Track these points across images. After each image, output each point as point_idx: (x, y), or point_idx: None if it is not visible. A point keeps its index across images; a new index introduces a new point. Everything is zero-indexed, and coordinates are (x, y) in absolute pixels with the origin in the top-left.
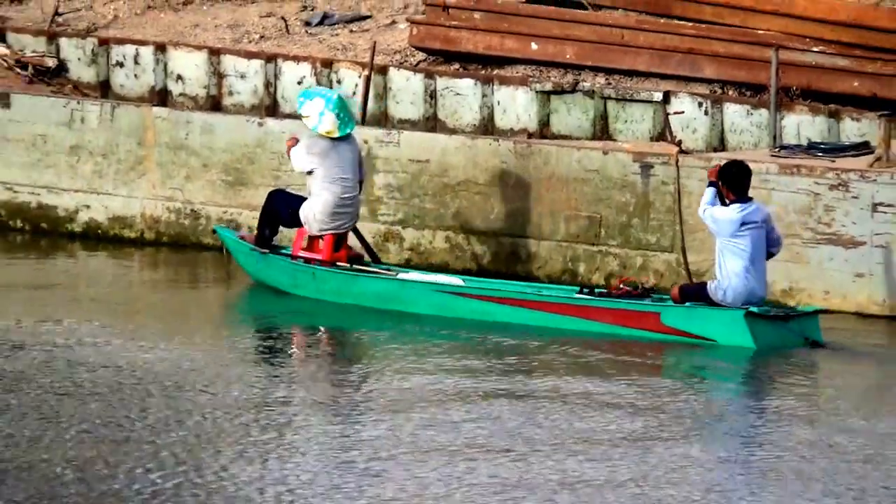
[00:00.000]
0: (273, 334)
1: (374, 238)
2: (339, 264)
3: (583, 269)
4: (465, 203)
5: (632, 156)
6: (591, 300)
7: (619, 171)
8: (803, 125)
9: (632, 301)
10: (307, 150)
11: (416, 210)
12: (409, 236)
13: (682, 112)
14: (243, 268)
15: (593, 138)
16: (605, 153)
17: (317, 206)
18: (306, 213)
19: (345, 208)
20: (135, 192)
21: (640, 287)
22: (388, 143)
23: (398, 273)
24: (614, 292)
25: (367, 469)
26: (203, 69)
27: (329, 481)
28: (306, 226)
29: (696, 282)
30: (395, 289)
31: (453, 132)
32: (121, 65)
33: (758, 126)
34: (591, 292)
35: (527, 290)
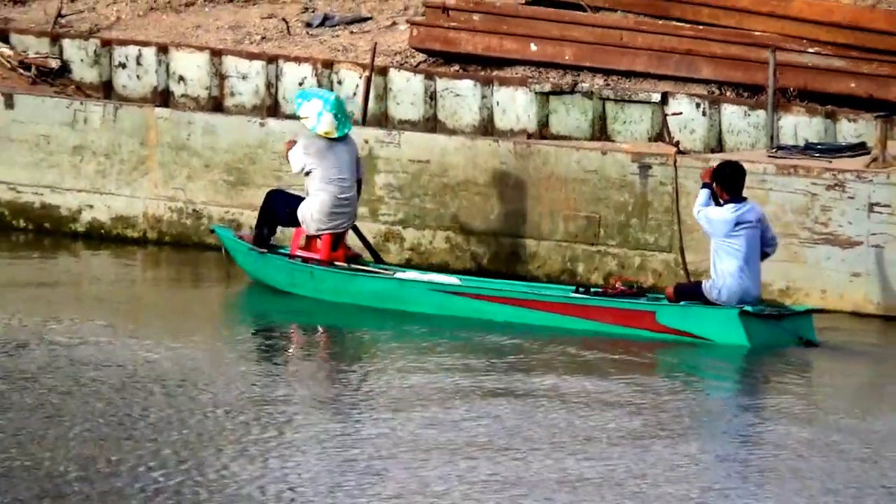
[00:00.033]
0: (273, 333)
1: (375, 238)
2: (336, 264)
3: (582, 268)
4: (465, 203)
5: (630, 156)
6: (587, 299)
7: (618, 172)
8: (800, 126)
9: (627, 300)
10: (304, 151)
11: (416, 210)
12: (410, 236)
13: (680, 113)
14: (241, 267)
15: (592, 139)
16: (604, 153)
17: (314, 206)
18: (304, 212)
19: (342, 208)
20: (137, 192)
21: (636, 286)
22: (389, 143)
23: (395, 272)
24: (610, 292)
25: (367, 467)
26: (205, 70)
27: (330, 479)
28: (304, 225)
29: (691, 281)
30: (392, 288)
31: (453, 133)
32: (123, 66)
33: (755, 127)
34: (586, 292)
35: (523, 290)
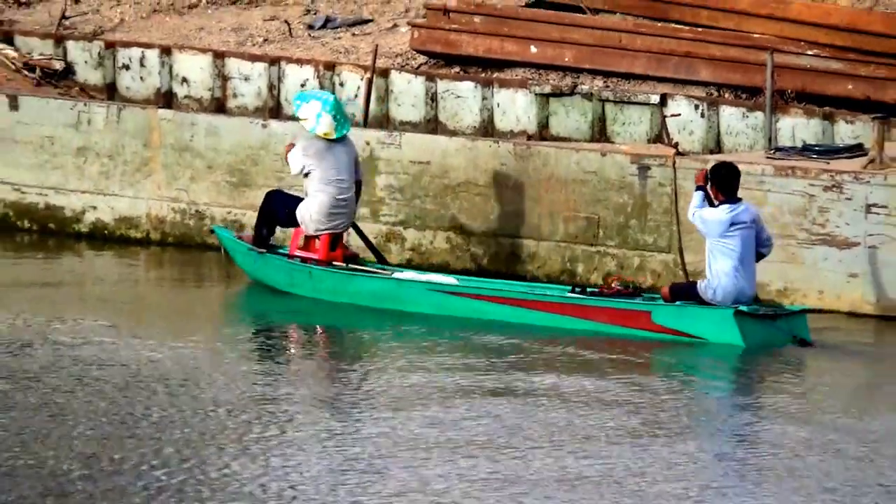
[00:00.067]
0: (273, 333)
1: (376, 238)
2: (335, 264)
3: (581, 269)
4: (466, 204)
5: (629, 157)
6: (583, 299)
7: (617, 173)
8: (798, 127)
9: (623, 300)
10: (303, 152)
11: (417, 211)
12: (411, 237)
13: (679, 114)
14: (241, 267)
15: (591, 140)
16: (604, 155)
17: (313, 206)
18: (303, 213)
19: (340, 209)
20: (140, 192)
21: (631, 286)
22: (390, 144)
23: (393, 272)
24: (606, 292)
25: (368, 466)
26: (208, 72)
27: (331, 478)
28: (303, 226)
29: (686, 281)
30: (390, 288)
31: (454, 134)
32: (127, 67)
33: (753, 128)
34: (582, 292)
35: (519, 290)
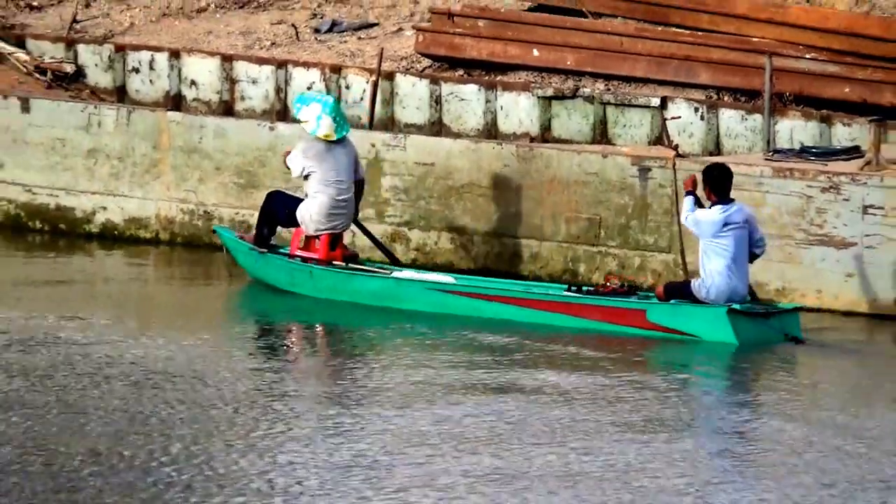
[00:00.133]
0: (278, 331)
1: (382, 239)
2: (335, 263)
3: (583, 269)
4: (470, 205)
5: (630, 159)
6: (579, 298)
7: (618, 174)
8: (796, 130)
9: (618, 298)
10: (303, 154)
11: (421, 211)
12: (416, 237)
13: (679, 117)
14: (242, 266)
15: (593, 142)
16: (605, 157)
17: (313, 207)
18: (303, 214)
19: (340, 210)
20: (150, 193)
21: (626, 285)
22: (395, 146)
23: (392, 271)
24: (601, 290)
25: (375, 461)
26: (216, 75)
27: (337, 473)
28: (303, 226)
29: (680, 280)
30: (389, 287)
31: (458, 136)
32: (136, 70)
33: (752, 131)
34: (578, 290)
35: (517, 289)
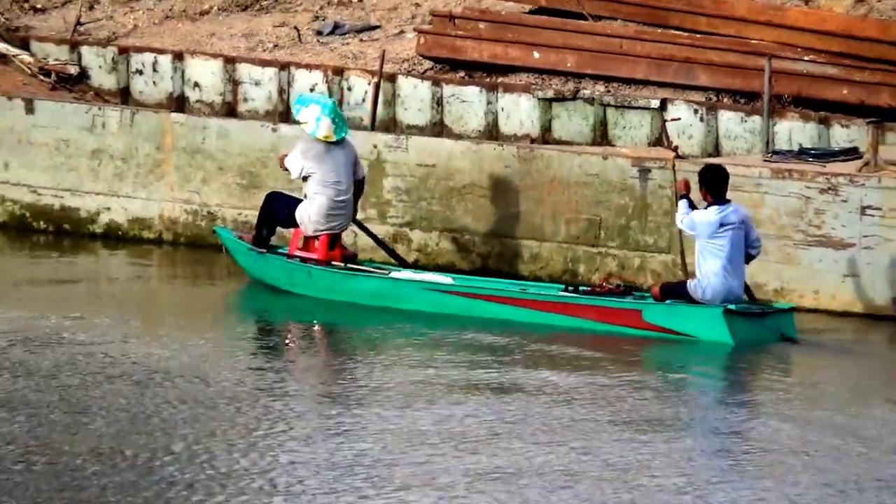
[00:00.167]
0: (278, 331)
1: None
2: (333, 263)
3: (583, 269)
4: (471, 206)
5: (630, 160)
6: (576, 298)
7: (618, 176)
8: (795, 131)
9: (614, 299)
10: (303, 155)
11: (423, 212)
12: (417, 238)
13: (679, 119)
14: (241, 266)
15: (593, 144)
16: (605, 158)
17: (312, 208)
18: (302, 214)
19: (339, 210)
20: (153, 194)
21: (622, 285)
22: (397, 147)
23: (390, 272)
24: (598, 291)
25: (376, 460)
26: (219, 76)
27: (338, 472)
28: (302, 227)
29: (676, 281)
30: (387, 287)
31: (459, 137)
32: (140, 72)
33: (751, 132)
34: (575, 290)
35: (513, 289)
